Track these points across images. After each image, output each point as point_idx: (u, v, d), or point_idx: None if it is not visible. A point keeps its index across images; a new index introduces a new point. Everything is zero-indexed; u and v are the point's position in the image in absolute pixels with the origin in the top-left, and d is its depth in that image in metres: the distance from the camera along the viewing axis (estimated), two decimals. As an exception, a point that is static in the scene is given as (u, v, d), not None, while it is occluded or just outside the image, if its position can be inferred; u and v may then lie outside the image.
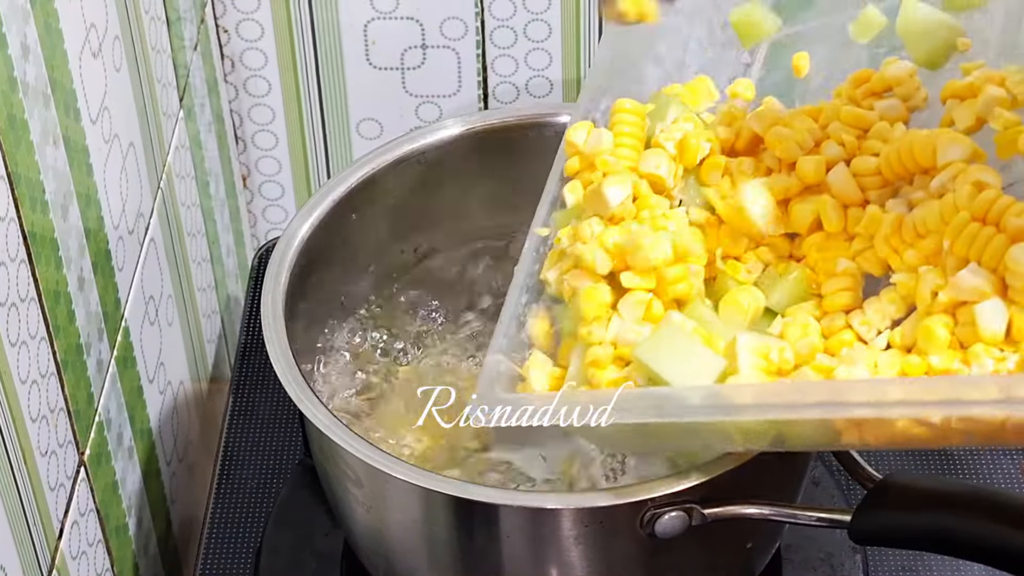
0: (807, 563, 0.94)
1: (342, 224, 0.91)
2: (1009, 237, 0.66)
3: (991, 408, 0.61)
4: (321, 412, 0.79)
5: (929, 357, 0.67)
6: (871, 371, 0.69)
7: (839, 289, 0.73)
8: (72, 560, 0.81)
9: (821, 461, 0.98)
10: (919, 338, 0.68)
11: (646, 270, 0.74)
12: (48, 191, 0.77)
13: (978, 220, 0.67)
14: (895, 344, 0.70)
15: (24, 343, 0.74)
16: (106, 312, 0.88)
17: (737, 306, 0.74)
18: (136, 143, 0.94)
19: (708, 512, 0.75)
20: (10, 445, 0.72)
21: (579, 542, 0.77)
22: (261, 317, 0.84)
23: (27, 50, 0.74)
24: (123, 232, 0.91)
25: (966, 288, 0.66)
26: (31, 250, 0.75)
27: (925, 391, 0.64)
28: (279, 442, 1.04)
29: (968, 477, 1.01)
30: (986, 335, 0.66)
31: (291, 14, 1.15)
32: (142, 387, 0.95)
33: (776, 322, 0.74)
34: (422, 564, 0.83)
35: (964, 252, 0.67)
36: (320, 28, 1.16)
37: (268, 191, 1.26)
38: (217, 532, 0.99)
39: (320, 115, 1.21)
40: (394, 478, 0.76)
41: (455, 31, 1.16)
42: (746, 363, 0.70)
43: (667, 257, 0.74)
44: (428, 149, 0.93)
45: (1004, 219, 0.66)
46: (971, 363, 0.66)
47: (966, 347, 0.67)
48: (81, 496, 0.83)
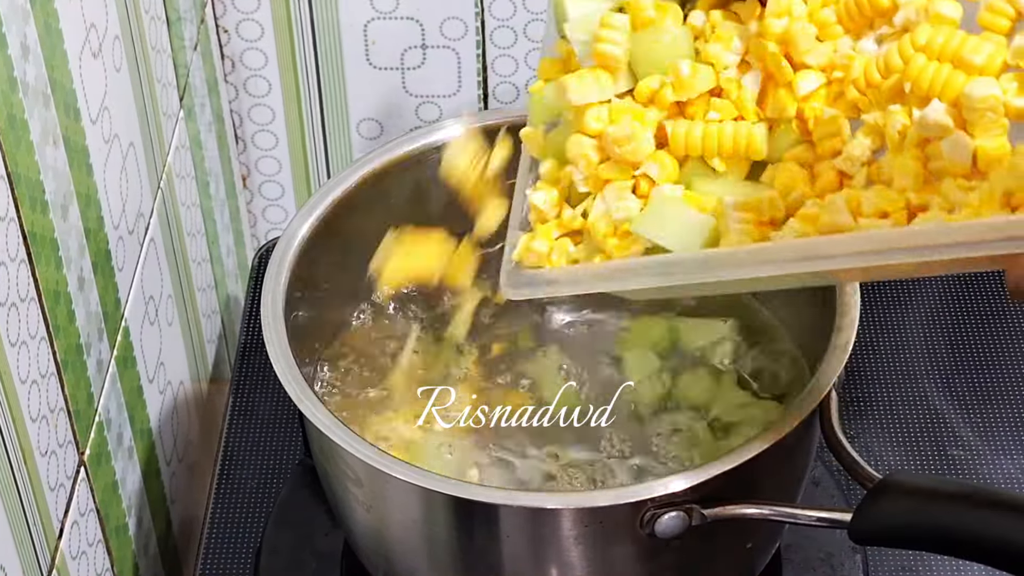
0: (807, 563, 0.94)
1: (342, 224, 0.91)
2: (965, 73, 0.68)
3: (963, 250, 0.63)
4: (321, 412, 0.79)
5: (908, 193, 0.69)
6: (853, 213, 0.70)
7: (828, 134, 0.73)
8: (72, 560, 0.81)
9: (821, 462, 0.98)
10: (894, 175, 0.69)
11: (625, 167, 0.75)
12: (48, 191, 0.77)
13: (934, 59, 0.69)
14: (874, 179, 0.71)
15: (24, 343, 0.74)
16: (106, 312, 0.88)
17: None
18: (136, 143, 0.94)
19: (708, 512, 0.75)
20: (10, 445, 0.72)
21: (579, 542, 0.77)
22: (261, 317, 0.84)
23: (27, 50, 0.74)
24: (123, 232, 0.91)
25: (929, 125, 0.68)
26: (31, 250, 0.75)
27: (901, 238, 0.65)
28: (279, 442, 1.04)
29: (968, 477, 1.01)
30: (953, 168, 0.68)
31: (291, 14, 1.15)
32: (142, 387, 0.95)
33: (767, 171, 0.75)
34: (422, 564, 0.83)
35: (923, 91, 0.69)
36: (320, 28, 1.16)
37: (268, 191, 1.26)
38: (217, 532, 0.99)
39: (320, 115, 1.21)
40: (394, 478, 0.76)
41: (455, 31, 1.16)
42: (735, 223, 0.72)
43: (649, 150, 0.74)
44: (428, 149, 0.93)
45: (959, 56, 0.68)
46: (948, 198, 0.68)
47: (939, 180, 0.69)
48: (81, 496, 0.83)
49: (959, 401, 1.06)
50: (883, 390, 1.07)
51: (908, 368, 1.08)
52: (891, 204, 0.69)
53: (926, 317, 1.12)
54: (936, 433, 1.04)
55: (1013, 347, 1.09)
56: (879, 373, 1.08)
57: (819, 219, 0.70)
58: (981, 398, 1.06)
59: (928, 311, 1.12)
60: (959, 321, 1.11)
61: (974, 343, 1.10)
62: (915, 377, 1.08)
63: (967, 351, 1.09)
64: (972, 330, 1.11)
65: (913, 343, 1.10)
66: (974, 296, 1.13)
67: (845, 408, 1.04)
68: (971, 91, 0.67)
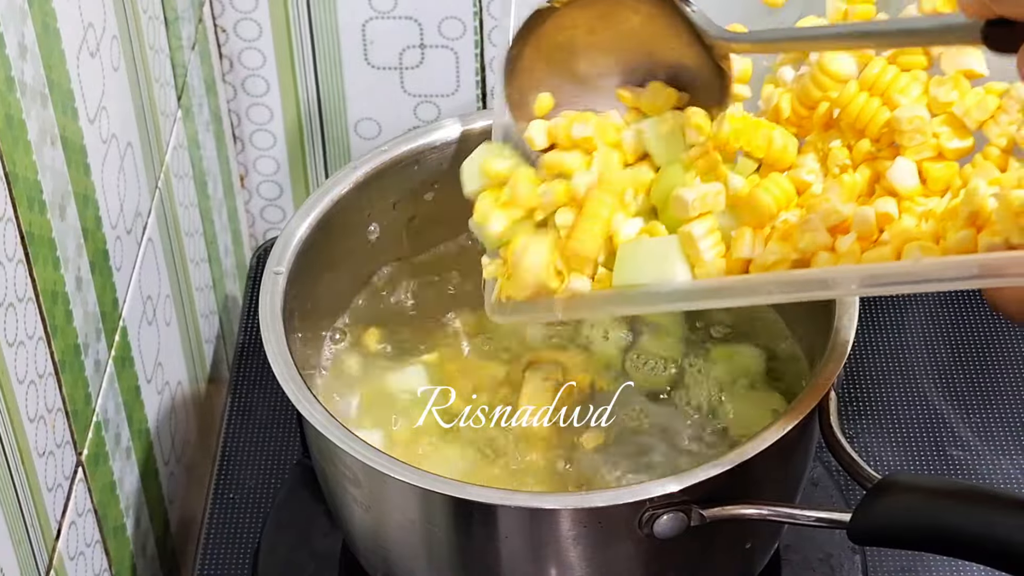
0: (806, 563, 0.93)
1: (340, 224, 0.91)
2: (890, 106, 0.73)
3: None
4: (319, 412, 0.79)
5: (864, 208, 0.72)
6: (830, 231, 0.72)
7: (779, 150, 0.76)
8: (70, 560, 0.81)
9: (820, 462, 0.98)
10: (843, 195, 0.73)
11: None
12: (46, 191, 0.77)
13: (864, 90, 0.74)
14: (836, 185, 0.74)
15: (22, 343, 0.74)
16: (104, 312, 0.87)
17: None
18: (134, 143, 0.94)
19: (707, 512, 0.75)
20: (8, 445, 0.72)
21: (578, 542, 0.77)
22: (259, 317, 0.84)
23: (25, 50, 0.74)
24: (121, 232, 0.91)
25: (895, 183, 0.73)
26: (28, 250, 0.75)
27: (862, 267, 0.69)
28: (277, 442, 1.04)
29: (967, 477, 1.01)
30: (906, 193, 0.72)
31: (289, 14, 1.15)
32: (140, 387, 0.95)
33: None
34: (420, 564, 0.83)
35: (851, 122, 0.74)
36: (318, 28, 1.16)
37: (266, 191, 1.26)
38: (215, 532, 0.99)
39: (318, 115, 1.21)
40: (392, 478, 0.76)
41: (453, 31, 1.16)
42: (707, 250, 0.74)
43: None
44: (426, 149, 0.93)
45: (882, 89, 0.74)
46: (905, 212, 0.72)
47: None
48: (79, 496, 0.83)
49: (958, 401, 1.06)
50: (882, 390, 1.07)
51: (907, 368, 1.08)
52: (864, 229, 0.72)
53: (925, 317, 1.12)
54: (935, 433, 1.04)
55: (1012, 347, 1.09)
56: (878, 373, 1.08)
57: (798, 239, 0.71)
58: (980, 398, 1.06)
59: (927, 311, 1.12)
60: (958, 321, 1.11)
61: (973, 343, 1.10)
62: (914, 377, 1.08)
63: (966, 351, 1.09)
64: (971, 330, 1.11)
65: (912, 343, 1.10)
66: (973, 296, 1.13)
67: (844, 408, 1.05)
68: (900, 115, 0.73)
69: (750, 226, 0.73)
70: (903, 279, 0.66)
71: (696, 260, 0.73)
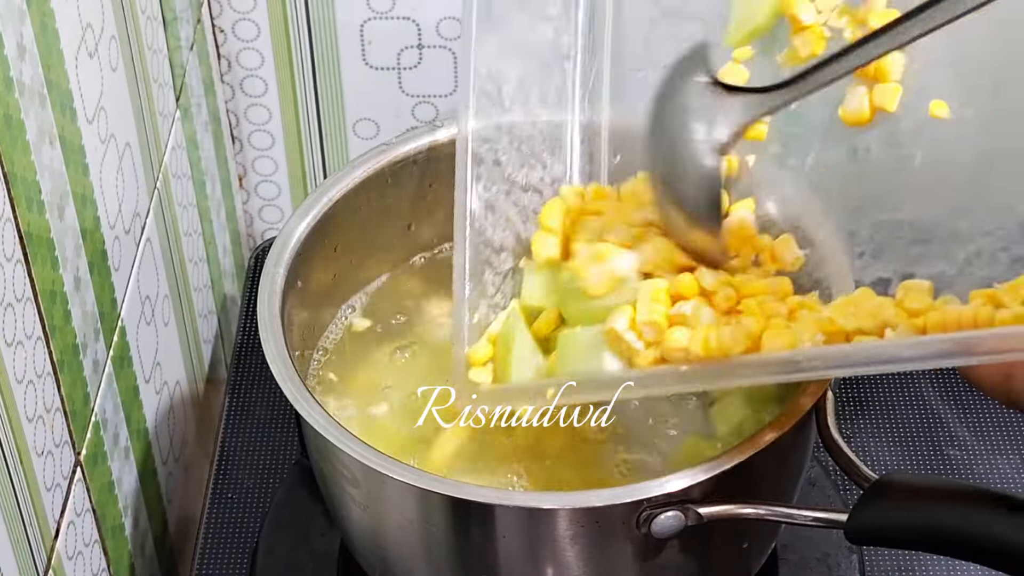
0: (804, 563, 0.94)
1: (338, 224, 0.91)
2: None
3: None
4: (317, 412, 0.79)
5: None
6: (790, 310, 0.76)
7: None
8: (68, 560, 0.81)
9: (817, 462, 0.98)
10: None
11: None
12: (44, 191, 0.77)
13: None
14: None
15: (20, 343, 0.74)
16: (102, 312, 0.88)
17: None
18: (132, 143, 0.94)
19: (704, 512, 0.75)
20: (6, 445, 0.72)
21: (575, 542, 0.77)
22: (257, 317, 0.84)
23: (23, 50, 0.74)
24: (119, 232, 0.91)
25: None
26: (27, 250, 0.75)
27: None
28: (275, 442, 1.04)
29: (964, 477, 1.01)
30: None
31: (287, 14, 1.15)
32: (138, 387, 0.95)
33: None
34: (419, 564, 0.83)
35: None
36: (316, 28, 1.16)
37: (264, 191, 1.26)
38: (213, 532, 0.99)
39: (316, 115, 1.21)
40: (390, 478, 0.76)
41: (451, 31, 1.16)
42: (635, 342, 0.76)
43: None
44: (425, 149, 0.93)
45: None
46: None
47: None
48: (77, 496, 0.83)
49: (955, 401, 1.06)
50: (879, 390, 1.07)
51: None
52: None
53: (922, 317, 1.12)
54: (932, 433, 1.04)
55: (1009, 347, 1.09)
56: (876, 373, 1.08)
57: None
58: (977, 398, 1.06)
59: (924, 311, 1.12)
60: (955, 321, 1.11)
61: (970, 343, 1.10)
62: (911, 377, 1.08)
63: (963, 351, 1.09)
64: (968, 330, 1.11)
65: (909, 343, 1.10)
66: (970, 296, 1.13)
67: (841, 408, 1.05)
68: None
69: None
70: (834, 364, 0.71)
71: (629, 352, 0.76)
